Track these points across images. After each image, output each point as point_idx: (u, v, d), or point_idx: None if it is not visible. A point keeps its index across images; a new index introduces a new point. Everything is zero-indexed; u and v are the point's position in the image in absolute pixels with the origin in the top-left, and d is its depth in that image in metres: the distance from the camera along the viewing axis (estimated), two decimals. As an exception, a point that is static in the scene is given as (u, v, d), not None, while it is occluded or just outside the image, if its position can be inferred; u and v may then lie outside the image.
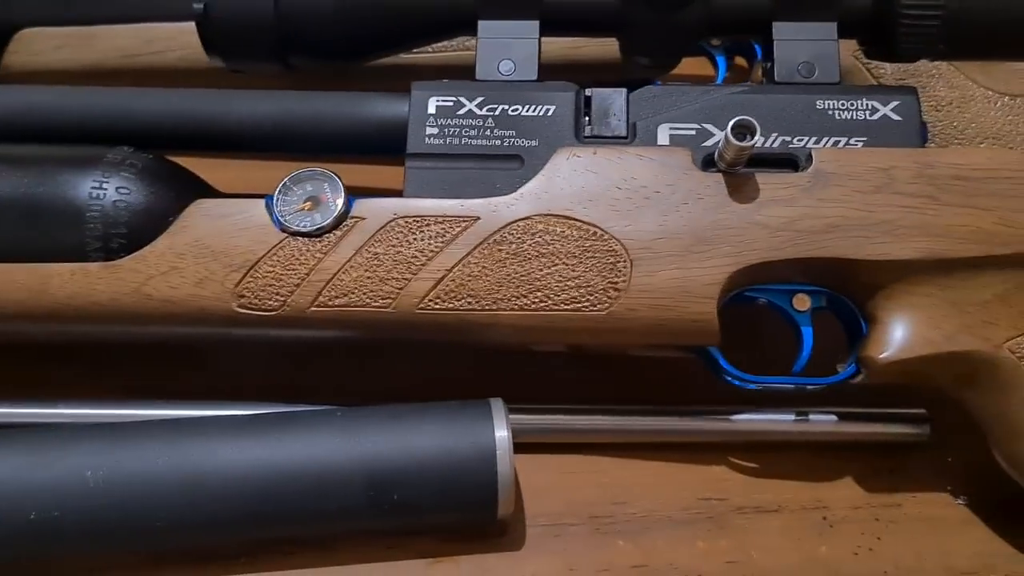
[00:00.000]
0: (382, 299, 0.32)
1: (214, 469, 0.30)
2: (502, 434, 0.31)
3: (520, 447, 0.31)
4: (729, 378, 0.34)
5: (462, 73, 0.36)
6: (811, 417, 0.35)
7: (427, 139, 0.34)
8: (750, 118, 0.31)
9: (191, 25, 0.43)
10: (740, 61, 0.50)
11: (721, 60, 0.47)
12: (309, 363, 0.38)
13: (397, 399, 0.33)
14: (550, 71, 0.36)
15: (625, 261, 0.32)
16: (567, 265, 0.32)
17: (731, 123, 0.31)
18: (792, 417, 0.35)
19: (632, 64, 0.39)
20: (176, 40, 0.44)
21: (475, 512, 0.31)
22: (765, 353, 0.35)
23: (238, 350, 0.39)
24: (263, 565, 0.32)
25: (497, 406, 0.32)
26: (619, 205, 0.33)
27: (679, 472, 0.35)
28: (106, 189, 0.33)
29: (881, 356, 0.32)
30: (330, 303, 0.32)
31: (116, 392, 0.36)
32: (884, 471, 0.36)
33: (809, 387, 0.34)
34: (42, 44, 0.45)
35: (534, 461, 0.35)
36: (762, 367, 0.34)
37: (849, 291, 0.33)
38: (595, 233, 0.32)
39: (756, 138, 0.31)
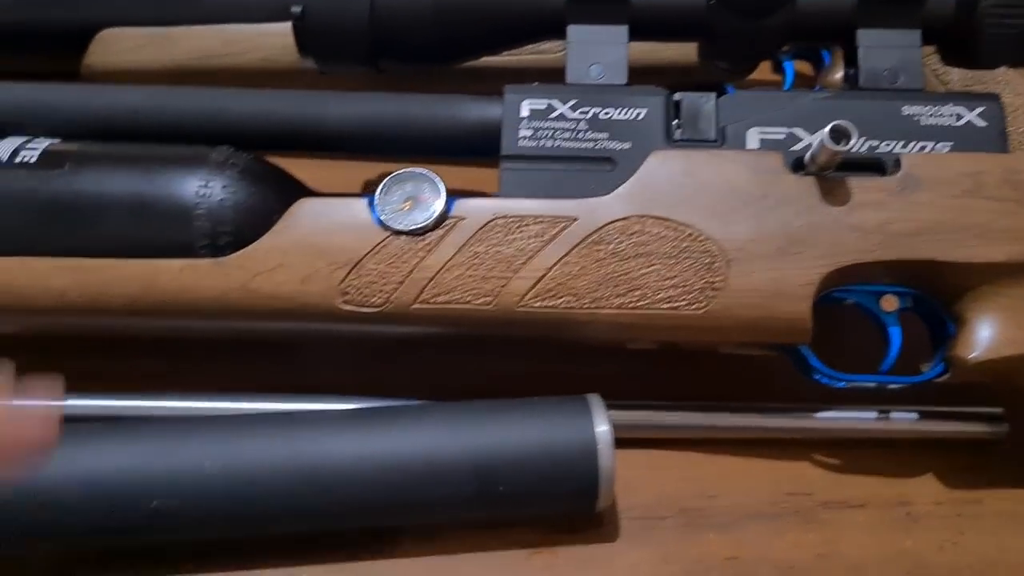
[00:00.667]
0: (483, 297, 0.33)
1: (326, 460, 0.31)
2: (602, 428, 0.32)
3: (612, 442, 0.32)
4: (818, 376, 0.35)
5: (539, 76, 0.37)
6: (892, 415, 0.36)
7: (520, 141, 0.35)
8: (847, 123, 0.32)
9: (272, 26, 0.44)
10: (801, 66, 0.51)
11: (789, 65, 0.48)
12: (395, 359, 0.39)
13: (481, 395, 0.33)
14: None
15: (721, 261, 0.33)
16: (665, 265, 0.33)
17: (829, 127, 0.32)
18: (874, 415, 0.36)
19: (710, 68, 0.40)
20: (256, 41, 0.44)
21: (576, 504, 0.32)
22: (842, 352, 0.36)
23: (322, 346, 0.40)
24: (369, 554, 0.32)
25: (595, 401, 0.33)
26: (713, 207, 0.33)
27: (765, 467, 0.36)
28: (212, 188, 0.34)
29: (970, 356, 0.33)
30: (432, 300, 0.33)
31: (203, 387, 0.37)
32: (964, 468, 0.36)
33: (891, 386, 0.35)
34: (123, 44, 0.45)
35: (624, 455, 0.35)
36: (839, 365, 0.35)
37: (937, 292, 0.34)
38: (691, 234, 0.33)
39: (852, 142, 0.32)
